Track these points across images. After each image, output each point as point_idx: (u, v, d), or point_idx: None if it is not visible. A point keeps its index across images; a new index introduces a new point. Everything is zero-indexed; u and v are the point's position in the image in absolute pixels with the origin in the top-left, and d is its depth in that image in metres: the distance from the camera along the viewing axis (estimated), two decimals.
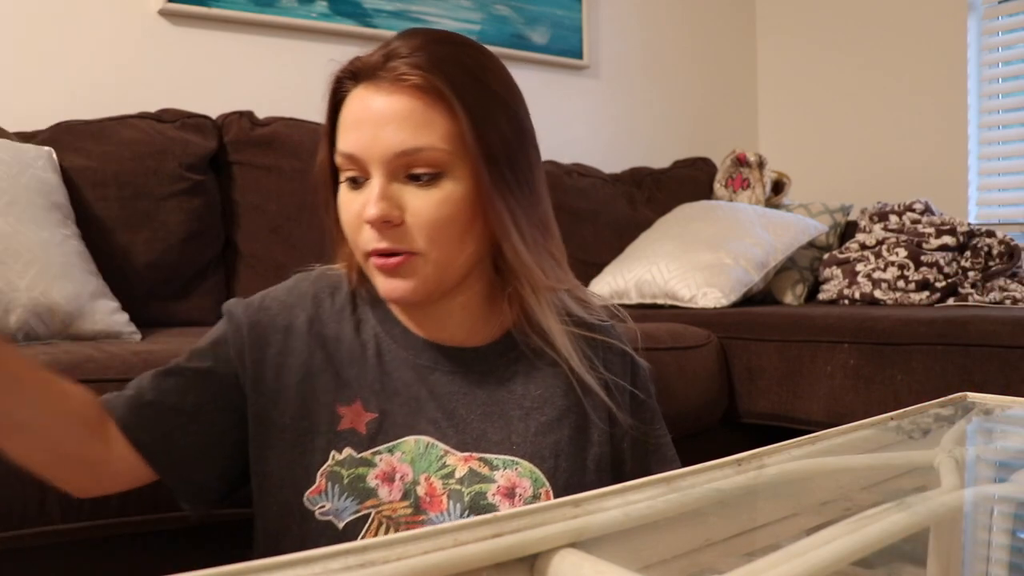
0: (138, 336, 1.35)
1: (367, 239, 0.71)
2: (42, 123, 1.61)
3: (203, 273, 1.66)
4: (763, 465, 0.49)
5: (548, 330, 0.77)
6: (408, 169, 0.69)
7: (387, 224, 0.69)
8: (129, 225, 1.56)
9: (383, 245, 0.70)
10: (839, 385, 1.49)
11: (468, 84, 0.70)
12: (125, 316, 1.36)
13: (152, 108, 1.72)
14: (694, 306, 1.86)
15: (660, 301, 1.93)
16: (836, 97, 2.79)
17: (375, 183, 0.69)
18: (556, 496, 0.73)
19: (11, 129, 1.56)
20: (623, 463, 0.83)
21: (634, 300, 1.98)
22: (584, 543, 0.37)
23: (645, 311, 1.89)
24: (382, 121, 0.69)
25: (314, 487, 0.71)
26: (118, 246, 1.54)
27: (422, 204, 0.69)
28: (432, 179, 0.69)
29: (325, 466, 0.71)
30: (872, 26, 2.69)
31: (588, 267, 2.18)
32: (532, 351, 0.79)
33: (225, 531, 0.94)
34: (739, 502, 0.47)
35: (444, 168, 0.69)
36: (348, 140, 0.71)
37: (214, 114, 1.79)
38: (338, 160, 0.72)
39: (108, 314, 1.33)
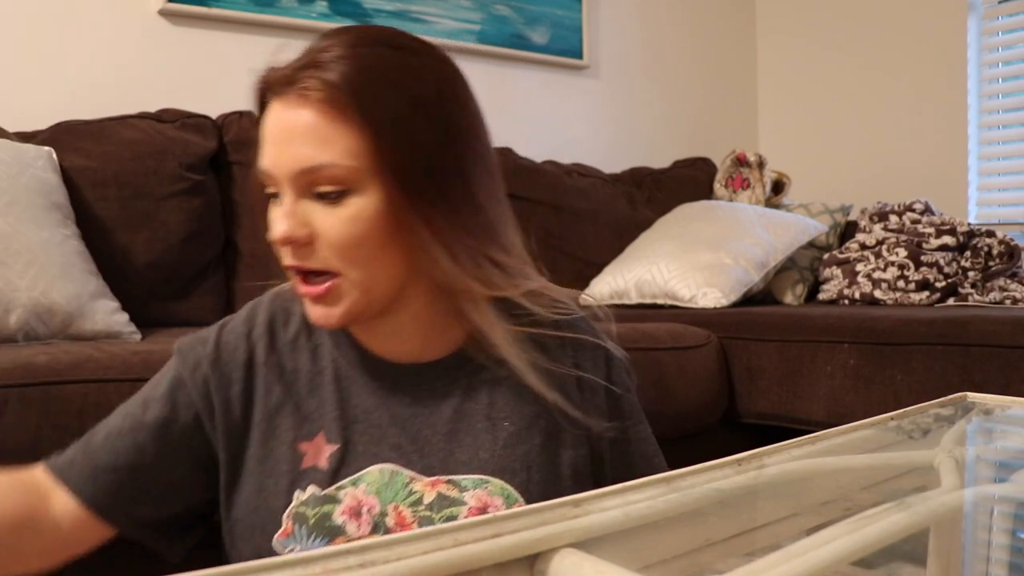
0: (138, 336, 1.35)
1: (283, 255, 0.69)
2: (42, 123, 1.61)
3: (203, 273, 1.66)
4: (763, 465, 0.49)
5: (495, 342, 0.73)
6: (314, 187, 0.66)
7: (295, 243, 0.67)
8: (129, 225, 1.56)
9: (295, 262, 0.68)
10: (839, 385, 1.49)
11: (379, 93, 0.66)
12: (125, 316, 1.36)
13: (152, 108, 1.72)
14: (694, 306, 1.86)
15: (660, 301, 1.93)
16: (836, 97, 2.79)
17: (284, 201, 0.67)
18: None
19: (11, 129, 1.56)
20: (603, 463, 0.80)
21: (634, 300, 1.99)
22: (584, 543, 0.37)
23: (645, 311, 1.89)
24: (287, 137, 0.66)
25: (281, 530, 0.69)
26: (118, 246, 1.54)
27: (329, 222, 0.66)
28: (339, 196, 0.66)
29: (290, 508, 0.69)
30: (872, 26, 2.69)
31: (588, 267, 2.18)
32: (494, 360, 0.75)
33: None
34: (739, 502, 0.47)
35: (350, 185, 0.66)
36: (263, 156, 0.69)
37: (214, 114, 1.79)
38: (260, 176, 0.70)
39: (108, 314, 1.33)
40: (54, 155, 1.50)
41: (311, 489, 0.70)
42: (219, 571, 0.30)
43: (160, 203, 1.60)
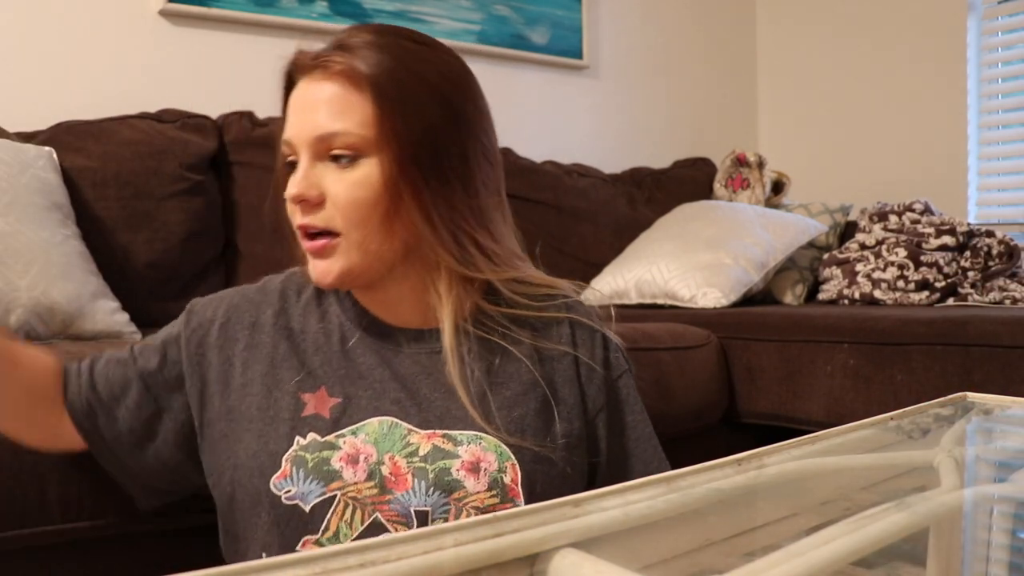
0: (138, 336, 1.35)
1: (294, 215, 0.75)
2: (42, 123, 1.61)
3: (203, 273, 1.66)
4: (763, 465, 0.49)
5: (464, 316, 0.78)
6: (329, 151, 0.73)
7: (306, 202, 0.73)
8: (129, 225, 1.56)
9: (303, 220, 0.74)
10: (839, 385, 1.49)
11: (393, 71, 0.72)
12: (125, 316, 1.36)
13: (152, 108, 1.72)
14: (694, 306, 1.86)
15: (660, 301, 1.93)
16: (836, 97, 2.79)
17: (301, 164, 0.74)
18: (523, 470, 0.75)
19: (11, 129, 1.56)
20: (598, 440, 0.83)
21: (634, 300, 1.99)
22: (584, 543, 0.37)
23: (645, 311, 1.89)
24: (309, 107, 0.73)
25: (280, 472, 0.72)
26: (118, 246, 1.54)
27: (340, 185, 0.72)
28: (351, 161, 0.72)
29: (290, 451, 0.73)
30: (872, 26, 2.69)
31: (588, 267, 2.18)
32: (497, 332, 0.80)
33: None
34: (739, 502, 0.47)
35: (362, 151, 0.72)
36: (286, 127, 0.76)
37: (214, 114, 1.79)
38: (282, 148, 0.76)
39: (108, 314, 1.33)
40: (54, 155, 1.50)
41: (311, 435, 0.73)
42: (219, 571, 0.30)
43: (160, 203, 1.60)
